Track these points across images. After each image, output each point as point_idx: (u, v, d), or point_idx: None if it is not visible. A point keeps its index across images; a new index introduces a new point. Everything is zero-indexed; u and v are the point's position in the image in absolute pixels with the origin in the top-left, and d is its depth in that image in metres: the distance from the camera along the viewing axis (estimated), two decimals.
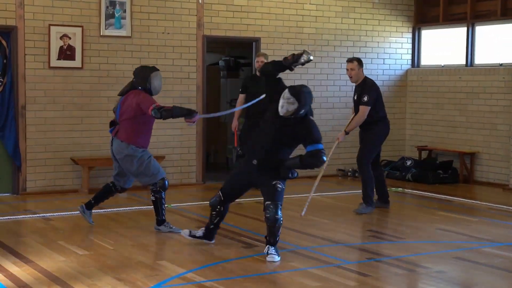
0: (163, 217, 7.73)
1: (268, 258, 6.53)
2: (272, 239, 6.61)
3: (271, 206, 6.56)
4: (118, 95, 7.92)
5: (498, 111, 11.46)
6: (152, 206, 7.73)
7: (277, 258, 6.53)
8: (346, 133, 9.06)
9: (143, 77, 7.59)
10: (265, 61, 10.32)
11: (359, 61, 9.03)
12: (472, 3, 11.87)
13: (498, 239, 7.62)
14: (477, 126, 11.76)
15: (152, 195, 7.68)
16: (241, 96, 10.41)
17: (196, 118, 7.46)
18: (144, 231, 7.80)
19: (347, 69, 9.12)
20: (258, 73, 10.43)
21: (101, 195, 7.93)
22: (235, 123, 10.47)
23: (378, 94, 8.99)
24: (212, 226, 7.04)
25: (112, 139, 7.71)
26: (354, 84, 9.15)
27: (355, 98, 9.06)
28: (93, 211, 8.01)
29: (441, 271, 6.29)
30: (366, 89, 8.89)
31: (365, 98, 8.80)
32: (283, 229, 7.98)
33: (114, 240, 7.34)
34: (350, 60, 9.13)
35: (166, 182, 7.71)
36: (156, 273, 6.09)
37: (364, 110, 8.84)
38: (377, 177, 9.09)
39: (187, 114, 7.41)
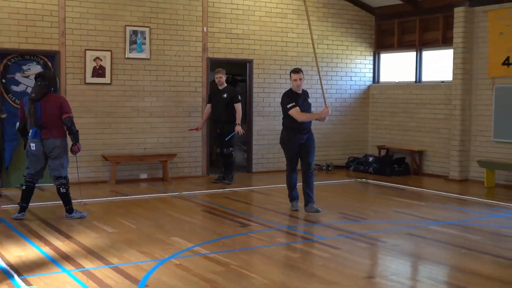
0: (72, 205, 7.41)
1: None
2: None
3: None
4: (35, 99, 7.14)
5: (440, 118, 11.51)
6: (61, 199, 7.40)
7: None
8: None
9: (54, 80, 7.32)
10: (223, 77, 10.16)
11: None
12: (420, 33, 11.92)
13: (440, 219, 7.65)
14: (424, 130, 11.81)
15: (63, 188, 7.26)
16: (208, 106, 10.40)
17: (76, 149, 7.36)
18: (160, 213, 7.79)
19: (295, 80, 7.67)
20: (219, 87, 10.22)
21: (28, 195, 7.33)
22: (200, 126, 10.47)
23: None
24: None
25: (41, 141, 7.15)
26: (317, 97, 8.10)
27: (308, 101, 7.90)
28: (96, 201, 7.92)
29: (396, 245, 6.32)
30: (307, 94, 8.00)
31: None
32: (271, 212, 8.01)
33: (136, 220, 7.35)
34: (297, 71, 7.70)
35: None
36: (170, 247, 6.10)
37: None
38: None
39: (77, 141, 7.36)
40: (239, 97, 10.25)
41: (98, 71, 10.08)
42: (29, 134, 7.28)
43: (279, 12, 11.77)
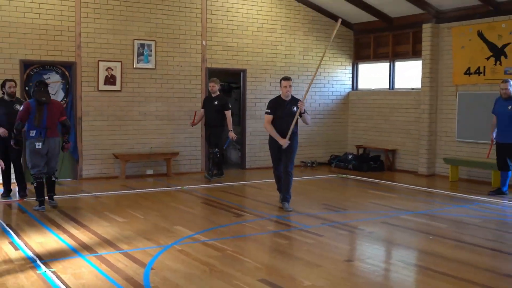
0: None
1: None
2: None
3: None
4: (46, 103, 7.18)
5: (411, 120, 11.57)
6: (50, 185, 7.44)
7: None
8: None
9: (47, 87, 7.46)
10: (216, 86, 9.99)
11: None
12: (393, 46, 11.96)
13: (410, 209, 7.69)
14: (397, 131, 11.86)
15: (53, 176, 7.38)
16: (202, 110, 10.23)
17: (69, 146, 7.57)
18: (165, 205, 7.78)
19: (285, 86, 7.22)
20: (212, 95, 10.06)
21: (42, 190, 7.33)
22: (195, 123, 10.17)
23: None
24: None
25: (44, 140, 7.16)
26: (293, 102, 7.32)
27: (294, 109, 7.32)
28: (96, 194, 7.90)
29: (372, 232, 6.34)
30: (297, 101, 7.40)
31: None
32: (262, 203, 8.03)
33: (144, 211, 7.34)
34: (287, 79, 7.26)
35: None
36: (173, 235, 6.11)
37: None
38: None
39: (68, 141, 7.53)
40: (229, 105, 10.12)
41: (110, 80, 10.07)
42: (31, 134, 7.19)
43: (269, 27, 11.78)
